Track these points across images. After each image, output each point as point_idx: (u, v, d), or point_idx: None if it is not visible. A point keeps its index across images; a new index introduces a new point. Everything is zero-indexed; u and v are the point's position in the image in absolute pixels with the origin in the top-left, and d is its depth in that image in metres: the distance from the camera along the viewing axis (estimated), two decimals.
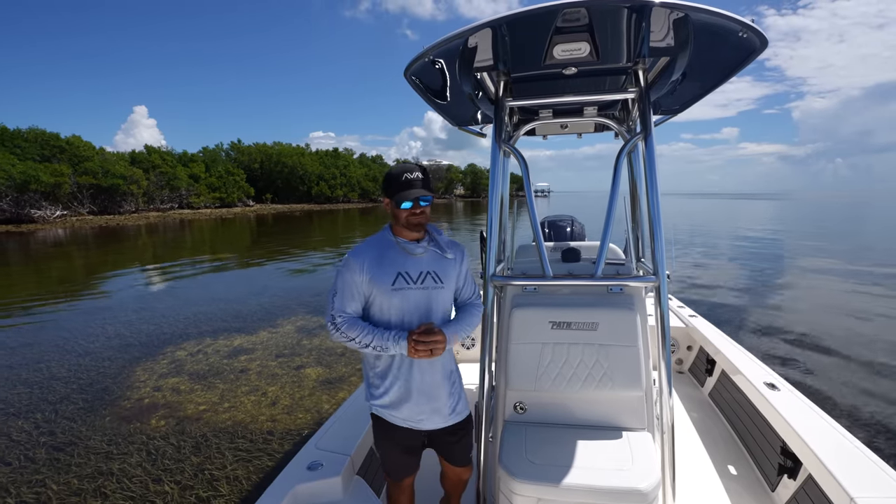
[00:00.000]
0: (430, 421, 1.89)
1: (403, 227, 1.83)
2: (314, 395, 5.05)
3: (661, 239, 2.07)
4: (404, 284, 1.80)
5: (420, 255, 1.86)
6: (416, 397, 1.85)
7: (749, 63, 1.98)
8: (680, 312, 4.42)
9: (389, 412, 1.87)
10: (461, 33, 1.73)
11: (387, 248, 1.84)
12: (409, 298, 1.81)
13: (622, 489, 1.74)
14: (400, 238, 1.86)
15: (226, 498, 3.37)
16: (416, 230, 1.84)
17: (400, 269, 1.81)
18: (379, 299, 1.80)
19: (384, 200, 1.85)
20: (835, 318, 7.99)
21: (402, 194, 1.75)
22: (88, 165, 37.23)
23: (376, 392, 1.88)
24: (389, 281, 1.79)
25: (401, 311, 1.81)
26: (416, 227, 1.81)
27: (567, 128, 3.17)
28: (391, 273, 1.80)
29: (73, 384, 5.43)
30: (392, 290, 1.78)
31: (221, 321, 7.99)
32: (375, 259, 1.81)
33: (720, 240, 21.45)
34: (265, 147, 63.73)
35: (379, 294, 1.79)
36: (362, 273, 1.78)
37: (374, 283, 1.78)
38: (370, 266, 1.79)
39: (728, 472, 2.70)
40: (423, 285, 1.83)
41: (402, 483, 2.00)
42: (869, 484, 1.84)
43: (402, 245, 1.84)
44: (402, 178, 1.77)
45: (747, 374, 3.00)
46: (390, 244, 1.85)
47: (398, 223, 1.83)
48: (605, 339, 2.15)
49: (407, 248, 1.84)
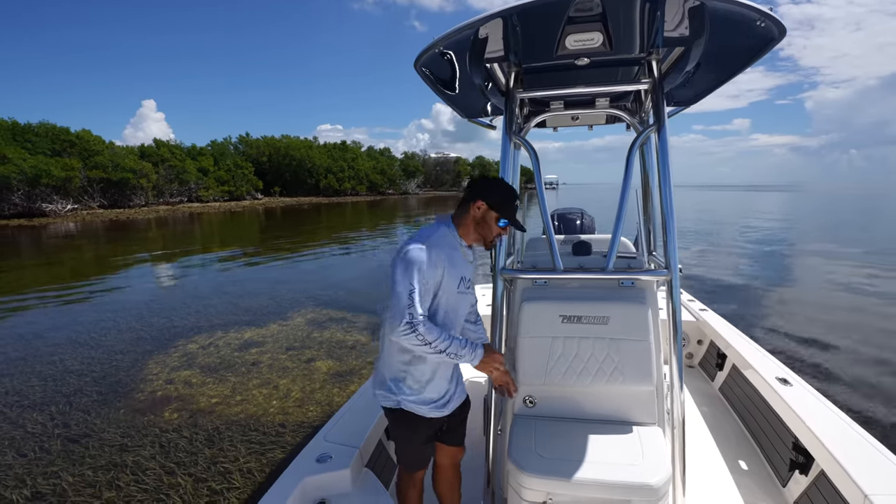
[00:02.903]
0: (450, 405, 1.94)
1: (482, 238, 1.87)
2: (325, 388, 5.08)
3: (674, 232, 2.04)
4: (464, 288, 1.86)
5: (470, 261, 1.94)
6: (443, 385, 1.90)
7: (766, 53, 1.93)
8: (690, 306, 4.38)
9: (418, 406, 1.86)
10: (472, 23, 1.70)
11: (453, 248, 1.84)
12: (463, 300, 1.86)
13: (632, 484, 1.73)
14: (463, 241, 1.89)
15: (239, 490, 3.41)
16: (486, 247, 1.90)
17: (462, 273, 1.84)
18: (445, 300, 1.77)
19: (479, 203, 1.82)
20: (848, 313, 7.89)
21: (510, 214, 1.83)
22: (98, 159, 37.47)
23: (406, 387, 1.84)
24: (457, 283, 1.80)
25: (455, 314, 1.84)
26: (490, 245, 1.89)
27: (578, 119, 3.14)
28: (457, 276, 1.81)
29: (86, 377, 5.50)
30: (458, 293, 1.81)
31: (232, 314, 8.05)
32: (448, 258, 1.77)
33: (731, 232, 21.24)
34: (273, 140, 63.81)
35: (446, 295, 1.77)
36: (440, 269, 1.74)
37: (446, 283, 1.75)
38: (446, 265, 1.76)
39: (739, 467, 2.68)
40: (469, 290, 1.91)
41: (416, 475, 2.02)
42: (883, 481, 1.82)
43: (463, 249, 1.89)
44: (514, 199, 1.86)
45: (759, 368, 2.97)
46: (455, 245, 1.86)
47: (481, 232, 1.86)
48: (616, 333, 2.12)
49: (466, 253, 1.90)
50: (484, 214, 1.83)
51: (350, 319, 7.61)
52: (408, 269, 1.67)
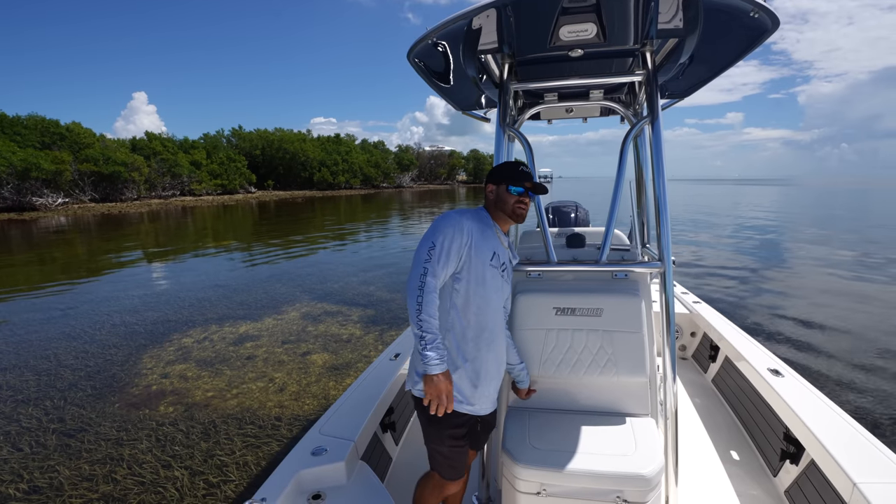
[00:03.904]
0: (487, 404, 1.88)
1: (506, 215, 1.86)
2: (321, 381, 5.09)
3: (667, 224, 2.05)
4: (497, 264, 1.84)
5: (505, 246, 1.93)
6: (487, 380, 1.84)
7: (759, 45, 1.94)
8: (684, 298, 4.42)
9: (459, 402, 1.79)
10: (465, 14, 1.70)
11: (486, 225, 1.86)
12: (495, 279, 1.83)
13: (625, 474, 1.75)
14: (497, 225, 1.90)
15: (236, 483, 3.42)
16: (517, 220, 1.88)
17: (494, 249, 1.84)
18: (474, 272, 1.76)
19: (488, 187, 1.89)
20: (840, 304, 7.97)
21: (517, 180, 1.82)
22: (89, 153, 37.10)
23: None
24: (488, 256, 1.80)
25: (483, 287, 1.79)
26: (519, 216, 1.86)
27: (572, 112, 3.14)
28: (488, 248, 1.81)
29: (80, 371, 5.48)
30: (489, 265, 1.80)
31: (226, 308, 8.04)
32: (479, 230, 1.80)
33: (724, 225, 21.36)
34: (266, 133, 63.35)
35: (475, 266, 1.76)
36: (469, 237, 1.75)
37: (474, 253, 1.76)
38: (476, 234, 1.77)
39: (731, 457, 2.72)
40: (504, 273, 1.88)
41: (459, 481, 1.91)
42: (871, 469, 1.85)
43: (497, 233, 1.89)
44: (517, 168, 1.86)
45: (751, 360, 3.00)
46: (489, 223, 1.87)
47: (502, 209, 1.86)
48: (610, 325, 2.14)
49: (501, 237, 1.91)
50: (496, 193, 1.86)
51: (345, 313, 7.61)
52: (434, 231, 1.72)
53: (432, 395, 1.65)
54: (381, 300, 8.40)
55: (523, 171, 1.86)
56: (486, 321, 1.80)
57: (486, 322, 1.80)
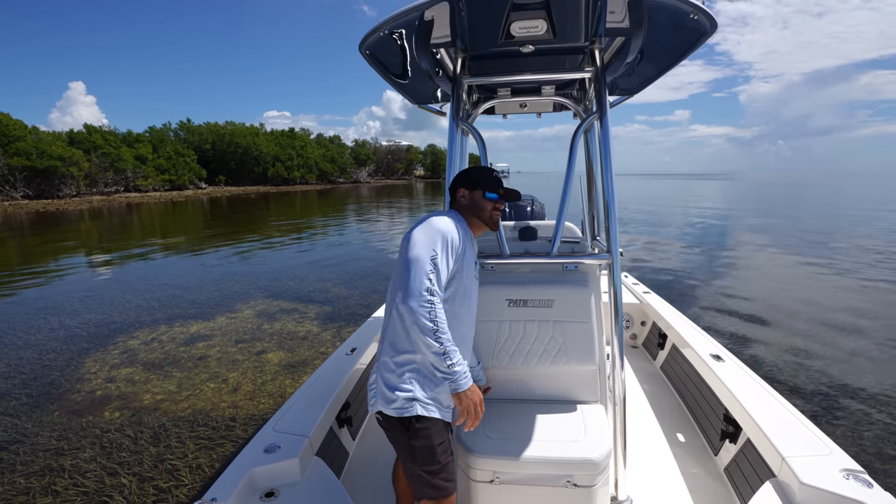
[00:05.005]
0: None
1: (483, 222, 1.83)
2: (277, 379, 4.98)
3: (615, 217, 2.12)
4: (476, 274, 1.83)
5: (475, 252, 1.90)
6: None
7: (700, 45, 2.03)
8: (635, 289, 4.58)
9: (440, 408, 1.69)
10: (417, 6, 1.70)
11: (467, 233, 1.80)
12: (475, 290, 1.82)
13: (575, 459, 1.81)
14: (470, 232, 1.85)
15: (188, 486, 3.30)
16: (493, 227, 1.86)
17: (473, 258, 1.81)
18: (462, 284, 1.70)
19: (460, 191, 1.83)
20: (777, 291, 8.48)
21: (494, 186, 1.80)
22: (20, 146, 34.67)
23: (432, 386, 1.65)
24: (472, 267, 1.77)
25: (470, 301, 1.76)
26: (496, 223, 1.85)
27: (526, 107, 3.19)
28: (471, 258, 1.77)
29: (13, 379, 5.14)
30: (474, 276, 1.78)
31: (176, 307, 7.72)
32: (465, 239, 1.72)
33: (674, 217, 22.26)
34: (217, 127, 61.03)
35: (464, 279, 1.70)
36: (461, 244, 1.67)
37: (464, 264, 1.70)
38: (466, 243, 1.72)
39: (676, 439, 2.85)
40: (478, 280, 1.89)
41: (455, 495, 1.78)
42: (798, 444, 1.98)
43: (471, 236, 1.86)
44: (491, 173, 1.83)
45: (695, 346, 3.15)
46: (467, 231, 1.81)
47: (478, 215, 1.82)
48: (561, 315, 2.19)
49: (473, 244, 1.87)
50: (470, 198, 1.82)
51: (301, 310, 7.47)
52: (433, 235, 1.58)
53: (469, 411, 1.59)
54: (339, 296, 8.29)
55: (498, 176, 1.85)
56: (466, 332, 1.81)
57: (466, 332, 1.80)
